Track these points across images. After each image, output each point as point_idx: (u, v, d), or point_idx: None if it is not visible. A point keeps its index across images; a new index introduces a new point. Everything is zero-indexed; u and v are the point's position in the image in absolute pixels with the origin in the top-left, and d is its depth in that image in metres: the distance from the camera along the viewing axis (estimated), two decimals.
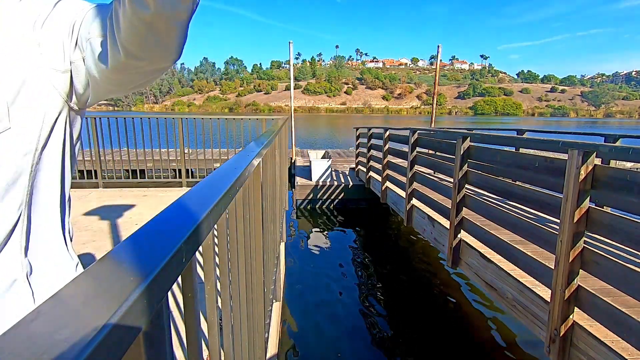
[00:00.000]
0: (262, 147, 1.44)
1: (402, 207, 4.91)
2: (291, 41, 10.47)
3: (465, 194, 3.17)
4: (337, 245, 5.94)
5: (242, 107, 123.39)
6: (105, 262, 0.35)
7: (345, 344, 3.44)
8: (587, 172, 1.87)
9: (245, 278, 1.09)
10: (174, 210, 0.54)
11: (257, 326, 1.37)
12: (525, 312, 2.41)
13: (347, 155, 11.69)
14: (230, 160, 1.02)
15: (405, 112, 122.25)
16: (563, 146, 2.07)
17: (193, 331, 0.58)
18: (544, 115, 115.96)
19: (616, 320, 1.70)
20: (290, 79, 11.20)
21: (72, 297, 0.29)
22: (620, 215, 1.75)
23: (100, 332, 0.25)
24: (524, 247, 2.45)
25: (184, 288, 0.53)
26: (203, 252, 0.69)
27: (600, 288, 1.99)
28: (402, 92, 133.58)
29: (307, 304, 4.10)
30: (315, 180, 7.89)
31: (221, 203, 0.65)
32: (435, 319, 3.93)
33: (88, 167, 5.66)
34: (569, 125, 59.64)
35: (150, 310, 0.33)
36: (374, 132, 6.72)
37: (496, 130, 7.26)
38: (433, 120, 11.46)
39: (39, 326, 0.25)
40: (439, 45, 10.62)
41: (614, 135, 4.14)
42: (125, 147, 5.31)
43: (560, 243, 1.99)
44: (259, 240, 1.38)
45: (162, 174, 5.72)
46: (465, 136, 3.17)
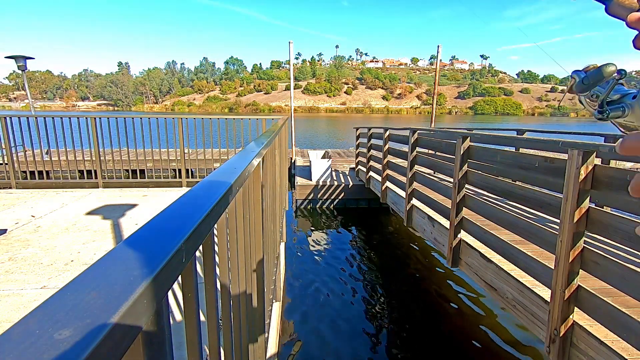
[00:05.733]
0: (262, 147, 1.44)
1: (402, 207, 4.90)
2: (291, 41, 10.48)
3: (465, 194, 3.17)
4: (337, 245, 5.93)
5: (242, 107, 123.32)
6: (105, 262, 0.35)
7: (345, 344, 3.43)
8: (587, 172, 1.87)
9: (245, 278, 1.08)
10: (174, 210, 0.54)
11: (257, 326, 1.37)
12: (525, 312, 2.41)
13: (347, 155, 11.68)
14: (230, 160, 1.02)
15: (405, 112, 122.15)
16: (563, 146, 2.08)
17: (193, 331, 0.58)
18: (544, 115, 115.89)
19: (616, 320, 1.70)
20: (290, 79, 11.21)
21: (72, 296, 0.29)
22: (620, 215, 1.75)
23: (100, 332, 0.25)
24: (524, 247, 2.45)
25: (184, 288, 0.53)
26: (203, 252, 0.69)
27: (600, 288, 1.99)
28: (402, 92, 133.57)
29: (307, 304, 4.10)
30: (315, 180, 7.89)
31: (221, 203, 0.65)
32: (435, 318, 3.93)
33: (88, 167, 5.66)
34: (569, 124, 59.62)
35: (151, 310, 0.33)
36: (374, 132, 6.72)
37: (496, 130, 7.26)
38: (433, 120, 11.47)
39: (39, 326, 0.25)
40: (439, 45, 10.63)
41: (614, 135, 4.14)
42: (125, 147, 5.31)
43: (560, 243, 1.98)
44: (259, 240, 1.37)
45: (162, 174, 5.72)
46: (465, 136, 3.17)
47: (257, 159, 1.21)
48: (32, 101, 8.98)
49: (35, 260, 2.67)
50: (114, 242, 3.10)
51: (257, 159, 1.21)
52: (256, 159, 1.20)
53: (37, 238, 3.10)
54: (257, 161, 1.22)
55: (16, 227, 3.35)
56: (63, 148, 5.98)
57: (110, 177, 5.54)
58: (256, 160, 1.20)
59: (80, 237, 3.14)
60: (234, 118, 5.92)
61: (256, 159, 1.20)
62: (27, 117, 4.98)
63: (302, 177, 8.26)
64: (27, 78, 8.63)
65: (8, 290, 2.25)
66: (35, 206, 4.07)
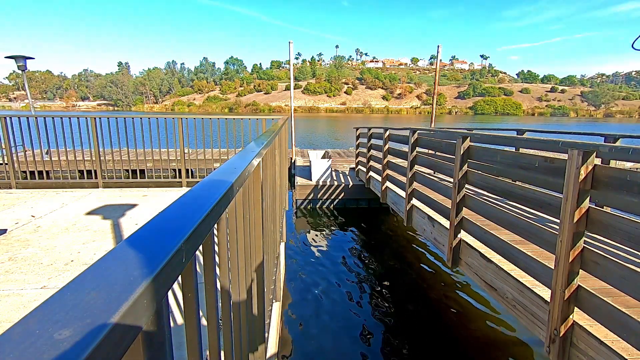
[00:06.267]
0: (262, 147, 1.44)
1: (402, 207, 4.90)
2: (291, 41, 10.48)
3: (465, 194, 3.17)
4: (337, 245, 5.93)
5: (242, 107, 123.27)
6: (105, 262, 0.35)
7: (345, 343, 3.43)
8: (587, 172, 1.87)
9: (245, 278, 1.08)
10: (174, 210, 0.54)
11: (257, 326, 1.37)
12: (525, 312, 2.41)
13: (347, 155, 11.68)
14: (230, 160, 1.02)
15: (405, 112, 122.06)
16: (563, 146, 2.07)
17: (193, 331, 0.58)
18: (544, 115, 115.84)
19: (616, 320, 1.70)
20: (290, 79, 11.21)
21: (72, 296, 0.29)
22: (620, 215, 1.75)
23: (100, 332, 0.25)
24: (523, 247, 2.45)
25: (184, 288, 0.53)
26: (203, 252, 0.69)
27: (600, 288, 1.99)
28: (402, 92, 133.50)
29: (307, 304, 4.10)
30: (315, 180, 7.89)
31: (221, 203, 0.65)
32: (435, 318, 3.94)
33: (88, 167, 5.66)
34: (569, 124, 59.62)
35: (151, 310, 0.33)
36: (374, 132, 6.72)
37: (496, 130, 7.25)
38: (433, 120, 11.47)
39: (39, 326, 0.25)
40: (439, 45, 10.62)
41: (614, 135, 4.14)
42: (125, 147, 5.31)
43: (560, 243, 1.98)
44: (259, 240, 1.37)
45: (162, 174, 5.72)
46: (465, 136, 3.17)
47: (257, 159, 1.21)
48: (32, 101, 8.99)
49: (35, 260, 2.68)
50: (114, 242, 3.10)
51: (257, 159, 1.21)
52: (256, 159, 1.20)
53: (37, 238, 3.10)
54: (257, 161, 1.22)
55: (16, 227, 3.35)
56: (63, 148, 5.98)
57: (110, 177, 5.54)
58: (256, 160, 1.20)
59: (80, 237, 3.14)
60: (234, 118, 5.92)
61: (256, 159, 1.20)
62: (27, 117, 4.98)
63: (302, 177, 8.26)
64: (27, 78, 8.63)
65: (8, 290, 2.25)
66: (35, 206, 4.07)
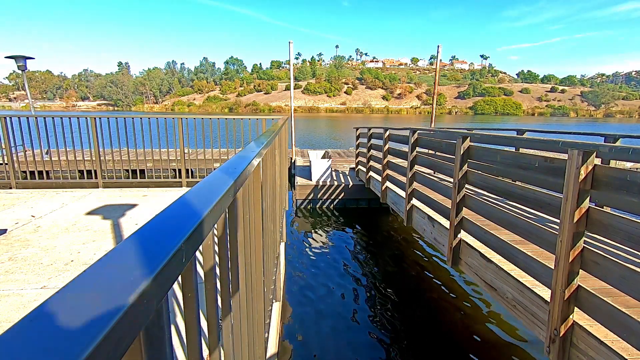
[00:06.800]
0: (262, 147, 1.44)
1: (402, 207, 4.90)
2: (291, 41, 10.48)
3: (465, 194, 3.17)
4: (337, 245, 5.94)
5: (242, 107, 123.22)
6: (105, 262, 0.35)
7: (345, 343, 3.44)
8: (587, 172, 1.87)
9: (245, 278, 1.08)
10: (174, 210, 0.54)
11: (257, 326, 1.37)
12: (525, 312, 2.41)
13: (347, 155, 11.68)
14: (230, 160, 1.02)
15: (405, 112, 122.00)
16: (563, 146, 2.07)
17: (193, 331, 0.58)
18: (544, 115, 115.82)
19: (616, 320, 1.70)
20: (290, 79, 11.21)
21: (72, 296, 0.29)
22: (620, 215, 1.75)
23: (100, 332, 0.25)
24: (523, 247, 2.45)
25: (184, 288, 0.53)
26: (203, 252, 0.69)
27: (600, 288, 2.00)
28: (402, 92, 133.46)
29: (307, 304, 4.10)
30: (315, 180, 7.89)
31: (221, 203, 0.65)
32: (435, 318, 3.93)
33: (88, 167, 5.66)
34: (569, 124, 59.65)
35: (151, 310, 0.33)
36: (374, 132, 6.72)
37: (496, 130, 7.25)
38: (433, 120, 11.47)
39: (39, 326, 0.25)
40: (439, 45, 10.63)
41: (614, 135, 4.14)
42: (125, 147, 5.31)
43: (560, 243, 1.98)
44: (259, 240, 1.38)
45: (162, 174, 5.72)
46: (465, 136, 3.17)
47: (257, 159, 1.21)
48: (32, 101, 8.99)
49: (35, 260, 2.68)
50: (114, 242, 3.10)
51: (257, 159, 1.21)
52: (256, 159, 1.20)
53: (37, 238, 3.10)
54: (257, 161, 1.22)
55: (16, 227, 3.35)
56: (63, 148, 5.97)
57: (110, 177, 5.54)
58: (256, 160, 1.20)
59: (80, 237, 3.14)
60: (234, 118, 5.92)
61: (256, 159, 1.20)
62: (27, 117, 4.98)
63: (302, 177, 8.26)
64: (27, 78, 8.63)
65: (8, 290, 2.25)
66: (35, 206, 4.07)
